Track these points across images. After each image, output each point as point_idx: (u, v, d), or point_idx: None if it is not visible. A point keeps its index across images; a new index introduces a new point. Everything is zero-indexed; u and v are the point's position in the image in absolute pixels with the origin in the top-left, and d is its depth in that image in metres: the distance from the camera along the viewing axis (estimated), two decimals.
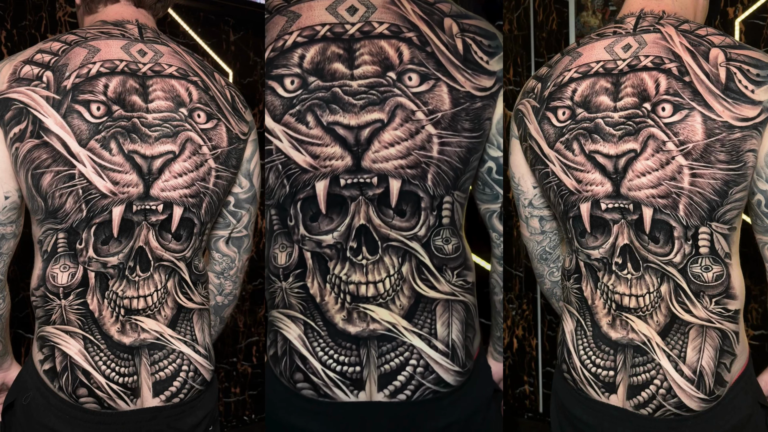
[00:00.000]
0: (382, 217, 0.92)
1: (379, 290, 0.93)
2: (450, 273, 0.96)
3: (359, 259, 0.93)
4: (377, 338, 0.94)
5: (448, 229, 0.96)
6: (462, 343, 0.96)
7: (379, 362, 0.95)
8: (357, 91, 0.90)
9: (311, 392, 0.97)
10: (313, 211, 0.93)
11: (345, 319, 0.94)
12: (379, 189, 0.91)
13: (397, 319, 0.94)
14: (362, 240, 0.93)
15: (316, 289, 0.95)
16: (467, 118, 0.92)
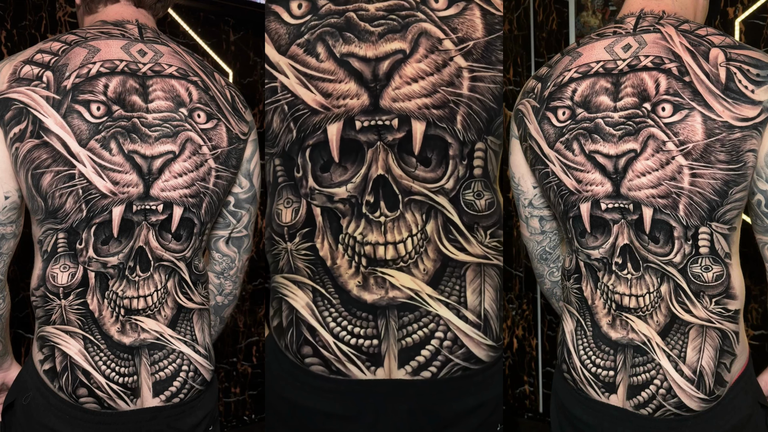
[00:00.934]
0: (404, 166, 0.81)
1: (400, 252, 0.83)
2: (482, 233, 0.86)
3: (376, 216, 0.83)
4: (397, 307, 0.84)
5: (480, 181, 0.85)
6: (495, 314, 0.87)
7: (400, 335, 0.84)
8: (374, 16, 0.79)
9: (321, 368, 0.86)
10: (324, 160, 0.82)
11: (360, 286, 0.84)
12: (400, 133, 0.80)
13: (421, 285, 0.84)
14: (380, 193, 0.82)
15: (327, 250, 0.84)
16: (500, 48, 0.81)
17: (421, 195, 0.82)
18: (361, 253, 0.83)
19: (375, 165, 0.81)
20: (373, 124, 0.80)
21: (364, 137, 0.80)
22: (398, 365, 0.85)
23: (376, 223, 0.82)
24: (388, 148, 0.80)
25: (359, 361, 0.84)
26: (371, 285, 0.83)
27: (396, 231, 0.82)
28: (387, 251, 0.83)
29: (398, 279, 0.83)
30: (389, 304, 0.84)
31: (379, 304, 0.84)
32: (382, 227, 0.82)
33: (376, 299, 0.84)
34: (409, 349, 0.84)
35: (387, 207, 0.82)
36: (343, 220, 0.82)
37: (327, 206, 0.82)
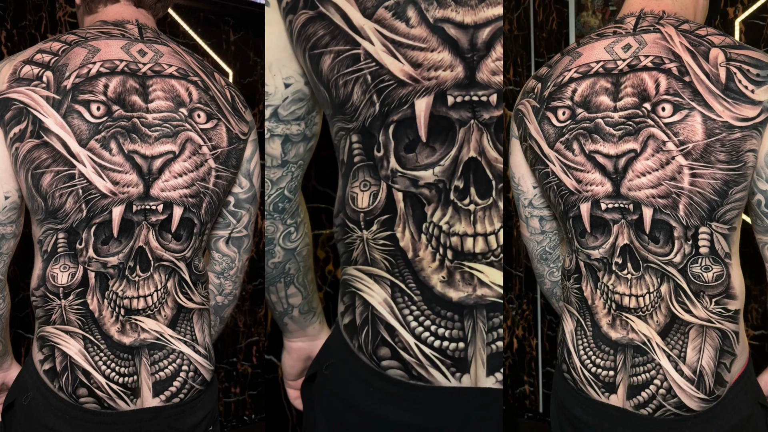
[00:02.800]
0: (500, 148, 0.71)
1: (491, 245, 0.73)
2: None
3: (465, 204, 0.73)
4: (486, 307, 0.75)
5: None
6: None
7: (489, 338, 0.75)
8: None
9: (401, 373, 0.77)
10: (410, 138, 0.72)
11: (444, 281, 0.74)
12: (499, 110, 0.69)
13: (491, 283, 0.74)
14: (471, 178, 0.72)
15: (408, 240, 0.75)
16: None
17: None
18: (446, 244, 0.74)
19: (467, 146, 0.72)
20: (467, 100, 0.70)
21: (456, 114, 0.71)
22: (487, 372, 0.76)
23: (464, 212, 0.73)
24: (483, 128, 0.71)
25: (443, 366, 0.75)
26: (457, 281, 0.75)
27: (487, 221, 0.74)
28: (476, 243, 0.74)
29: (488, 275, 0.75)
30: (477, 303, 0.75)
31: (465, 303, 0.75)
32: (471, 216, 0.73)
33: (463, 297, 0.75)
34: (499, 355, 0.76)
35: (478, 194, 0.73)
36: (428, 207, 0.73)
37: (410, 191, 0.73)
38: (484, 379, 0.76)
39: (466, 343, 0.75)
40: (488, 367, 0.76)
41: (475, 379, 0.77)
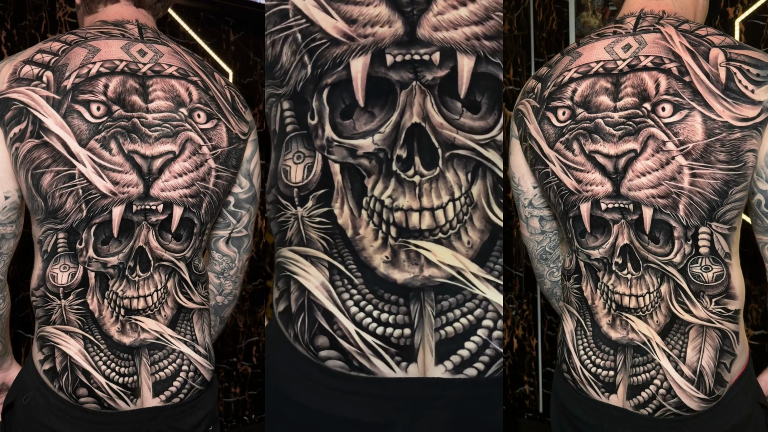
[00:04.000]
0: (446, 112, 0.65)
1: (438, 220, 0.66)
2: None
3: (410, 175, 0.66)
4: (434, 289, 0.69)
5: None
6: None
7: (437, 323, 0.69)
8: None
9: (340, 363, 0.71)
10: (346, 103, 0.65)
11: (388, 262, 0.68)
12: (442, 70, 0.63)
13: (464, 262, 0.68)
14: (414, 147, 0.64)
15: (347, 217, 0.68)
16: None
17: (466, 149, 0.67)
18: (389, 221, 0.68)
19: (409, 111, 0.65)
20: (408, 59, 0.64)
21: (396, 75, 0.65)
22: (436, 360, 0.70)
23: (409, 184, 0.67)
24: (427, 90, 0.65)
25: (387, 355, 0.69)
26: (402, 261, 0.69)
27: (434, 194, 0.68)
28: (422, 219, 0.68)
29: (436, 254, 0.69)
30: (424, 285, 0.69)
31: (411, 285, 0.69)
32: (416, 189, 0.67)
33: (409, 279, 0.69)
34: (450, 341, 0.69)
35: (423, 164, 0.67)
36: (368, 179, 0.67)
37: (348, 162, 0.67)
38: (433, 368, 0.69)
39: (413, 330, 0.68)
40: (437, 354, 0.69)
41: (423, 369, 0.70)
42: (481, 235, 0.69)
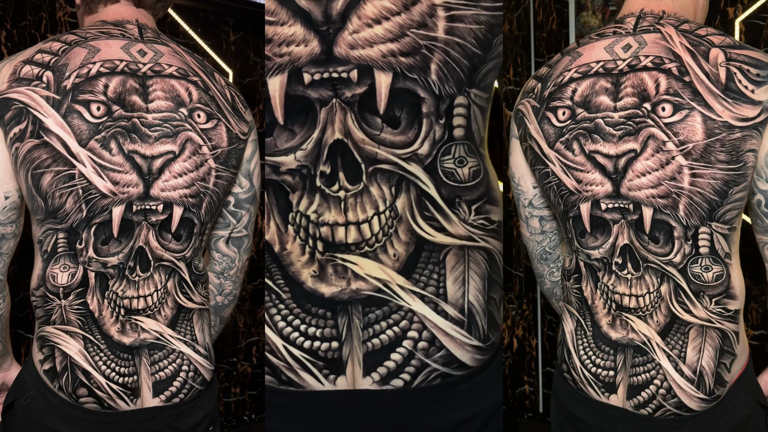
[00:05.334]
0: (366, 128, 0.65)
1: (364, 234, 0.66)
2: (466, 208, 0.71)
3: (334, 190, 0.67)
4: (361, 302, 0.69)
5: (462, 145, 0.70)
6: (482, 308, 0.73)
7: (365, 335, 0.70)
8: None
9: (272, 379, 0.70)
10: (267, 121, 0.65)
11: (315, 276, 0.67)
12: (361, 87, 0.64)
13: (390, 274, 0.67)
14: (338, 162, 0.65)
15: (274, 233, 0.67)
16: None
17: (388, 163, 0.67)
18: (316, 235, 0.69)
19: (331, 127, 0.66)
20: (326, 77, 0.65)
21: (315, 93, 0.66)
22: (363, 372, 0.70)
23: (334, 199, 0.68)
24: (347, 107, 0.66)
25: (315, 368, 0.69)
26: (329, 275, 0.69)
27: (359, 208, 0.68)
28: (348, 233, 0.69)
29: (363, 267, 0.69)
30: (352, 298, 0.70)
31: (339, 299, 0.70)
32: (341, 204, 0.68)
33: (336, 292, 0.70)
34: (377, 353, 0.69)
35: (347, 179, 0.67)
36: (293, 195, 0.68)
37: (272, 179, 0.68)
38: (361, 380, 0.69)
39: (341, 342, 0.69)
40: (364, 366, 0.68)
41: (352, 381, 0.70)
42: (407, 247, 0.68)
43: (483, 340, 0.70)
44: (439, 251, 0.70)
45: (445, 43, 0.65)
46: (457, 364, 0.70)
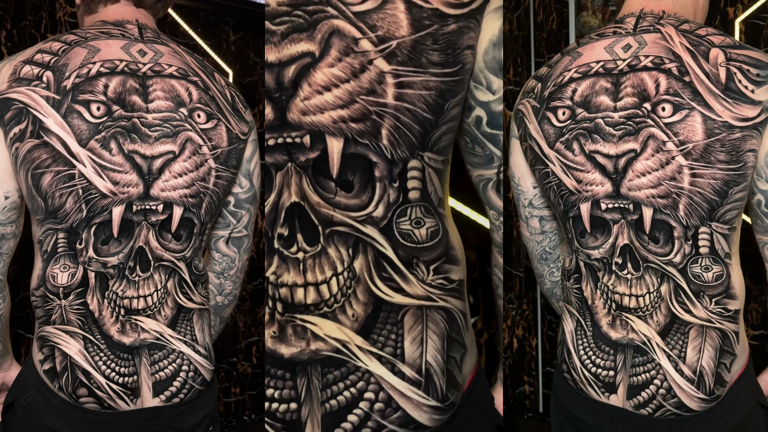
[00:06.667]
0: (321, 192, 0.67)
1: (323, 295, 0.70)
2: (424, 269, 0.73)
3: (293, 252, 0.68)
4: (321, 362, 0.69)
5: (419, 206, 0.71)
6: (441, 368, 0.72)
7: (323, 396, 0.69)
8: (276, 12, 0.68)
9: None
10: None
11: (275, 337, 0.69)
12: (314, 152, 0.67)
13: (349, 334, 0.70)
14: (296, 225, 0.66)
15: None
16: (435, 46, 0.69)
17: (345, 225, 0.68)
18: (275, 296, 0.69)
19: (287, 191, 0.68)
20: (281, 143, 0.67)
21: (271, 158, 0.68)
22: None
23: (292, 260, 0.68)
24: (302, 171, 0.67)
25: (273, 430, 0.71)
26: (289, 336, 0.70)
27: (318, 269, 0.69)
28: (307, 294, 0.69)
29: (322, 327, 0.69)
30: (311, 359, 0.70)
31: (299, 359, 0.70)
32: (300, 265, 0.69)
33: (296, 353, 0.70)
34: (335, 414, 0.69)
35: (306, 241, 0.68)
36: None
37: None
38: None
39: (299, 403, 0.69)
40: (322, 428, 0.69)
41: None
42: (365, 307, 0.69)
43: (441, 400, 0.70)
44: (397, 311, 0.70)
45: (395, 109, 0.66)
46: (415, 425, 0.69)
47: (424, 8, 0.66)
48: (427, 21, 0.67)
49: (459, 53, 0.70)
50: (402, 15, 0.66)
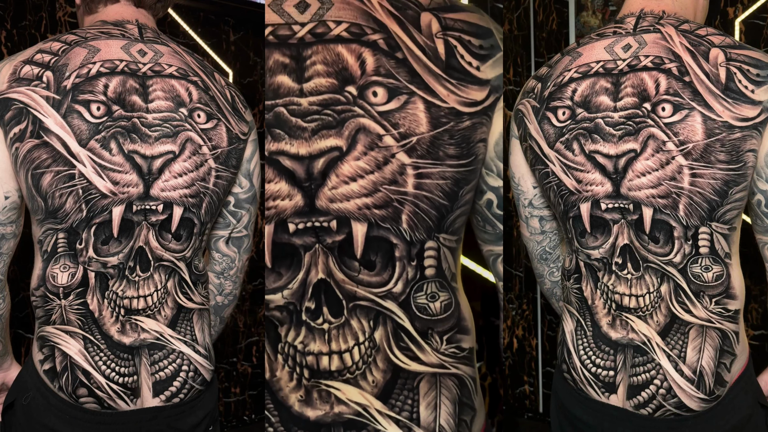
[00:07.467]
0: (346, 270, 0.77)
1: (346, 362, 0.77)
2: (437, 339, 0.79)
3: (319, 323, 0.77)
4: (343, 425, 0.76)
5: (434, 282, 0.78)
6: (453, 430, 0.79)
7: None
8: (307, 111, 0.74)
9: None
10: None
11: (302, 400, 0.77)
12: (340, 235, 0.76)
13: (370, 399, 0.78)
14: (322, 299, 0.74)
15: (267, 362, 0.78)
16: (451, 141, 0.76)
17: (367, 300, 0.75)
18: (303, 363, 0.75)
19: (314, 269, 0.74)
20: (309, 226, 0.73)
21: (299, 240, 0.74)
22: None
23: (318, 331, 0.75)
24: (328, 251, 0.74)
25: None
26: (315, 399, 0.75)
27: (341, 339, 0.75)
28: (332, 361, 0.75)
29: (345, 392, 0.75)
30: (335, 421, 0.75)
31: (323, 422, 0.75)
32: (325, 335, 0.75)
33: (320, 416, 0.75)
34: None
35: (331, 313, 0.74)
36: (281, 328, 0.75)
37: (265, 314, 0.77)
38: None
39: None
40: None
41: None
42: (384, 374, 0.75)
43: None
44: (414, 378, 0.76)
45: (414, 197, 0.74)
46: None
47: (442, 107, 0.73)
48: (444, 119, 0.73)
49: (473, 146, 0.76)
50: (422, 114, 0.73)
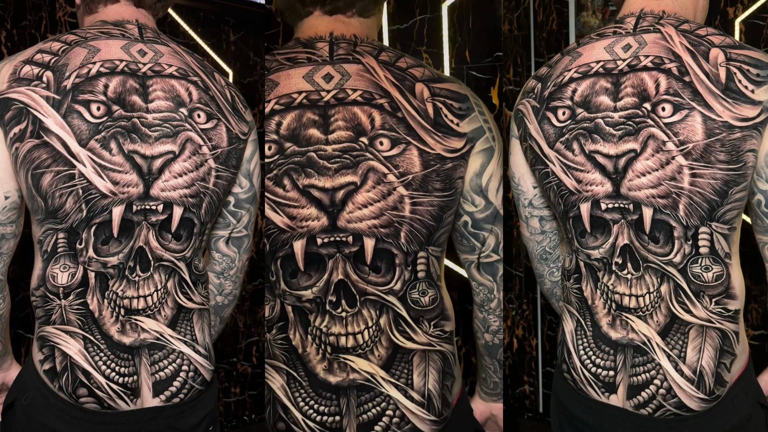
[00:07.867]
0: (359, 273, 0.98)
1: (358, 341, 0.98)
2: (427, 324, 1.00)
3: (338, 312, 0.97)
4: (356, 388, 0.98)
5: (424, 282, 0.99)
6: (438, 393, 1.00)
7: (358, 411, 0.99)
8: (331, 155, 0.95)
9: None
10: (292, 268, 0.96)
11: (326, 369, 0.99)
12: (355, 247, 0.97)
13: (376, 369, 0.99)
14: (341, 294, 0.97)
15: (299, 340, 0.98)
16: (437, 178, 0.97)
17: (374, 295, 0.97)
18: (326, 342, 0.98)
19: (336, 272, 0.96)
20: (332, 240, 0.96)
21: (324, 251, 0.96)
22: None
23: (338, 318, 0.97)
24: (346, 259, 0.96)
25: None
26: (335, 369, 0.98)
27: (355, 324, 0.98)
28: (348, 340, 0.98)
29: (357, 363, 0.98)
30: (350, 385, 0.98)
31: (341, 385, 0.98)
32: (343, 321, 0.97)
33: (339, 381, 0.98)
34: (366, 425, 0.98)
35: (347, 305, 0.97)
36: (311, 315, 0.97)
37: (296, 305, 0.98)
38: None
39: (341, 416, 0.98)
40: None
41: None
42: (387, 350, 0.99)
43: (438, 416, 1.00)
44: (409, 353, 0.99)
45: (410, 219, 0.97)
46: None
47: (431, 153, 0.97)
48: (432, 162, 0.97)
49: (453, 182, 0.99)
50: (416, 158, 0.96)
